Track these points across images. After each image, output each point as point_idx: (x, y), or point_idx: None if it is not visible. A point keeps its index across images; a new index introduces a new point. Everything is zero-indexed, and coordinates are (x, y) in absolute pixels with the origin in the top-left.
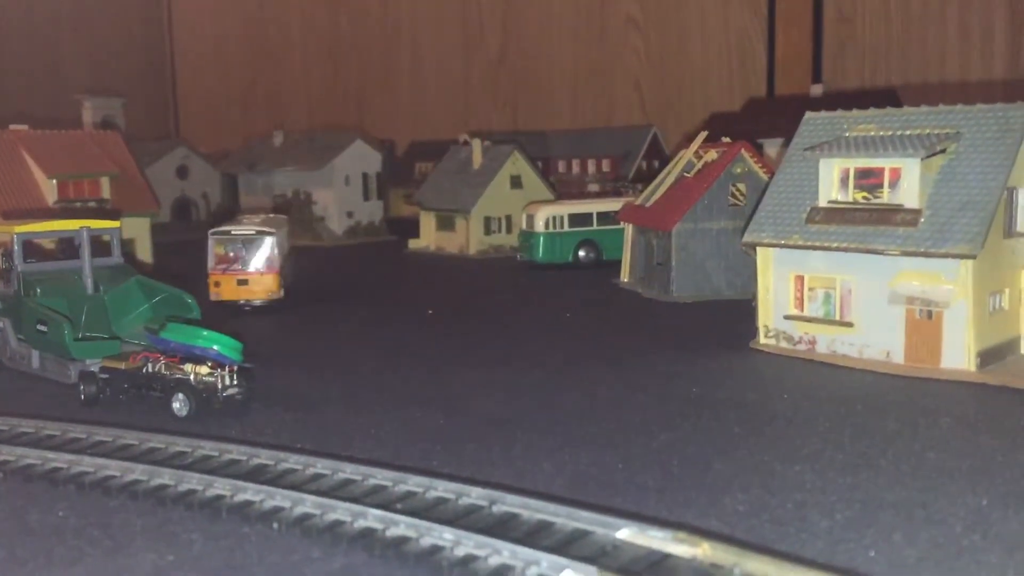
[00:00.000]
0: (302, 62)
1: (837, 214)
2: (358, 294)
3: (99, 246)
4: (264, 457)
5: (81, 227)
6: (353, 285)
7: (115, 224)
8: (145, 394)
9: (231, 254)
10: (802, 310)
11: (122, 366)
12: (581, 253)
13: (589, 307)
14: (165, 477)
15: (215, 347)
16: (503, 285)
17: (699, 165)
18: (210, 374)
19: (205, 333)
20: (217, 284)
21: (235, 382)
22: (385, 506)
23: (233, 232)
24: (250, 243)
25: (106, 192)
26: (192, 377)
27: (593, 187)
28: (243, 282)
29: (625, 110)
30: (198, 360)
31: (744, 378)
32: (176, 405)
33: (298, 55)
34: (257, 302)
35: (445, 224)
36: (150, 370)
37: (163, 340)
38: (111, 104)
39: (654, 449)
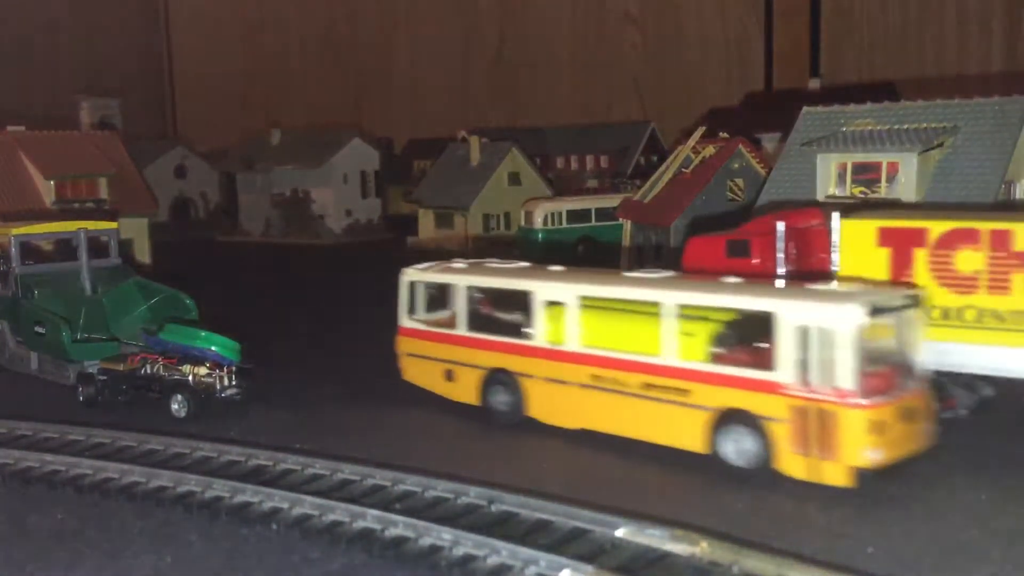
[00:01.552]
0: (300, 60)
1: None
2: (356, 291)
3: (97, 247)
4: (263, 458)
5: (79, 228)
6: (351, 283)
7: (113, 225)
8: (144, 395)
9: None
10: None
11: (120, 367)
12: (580, 249)
13: None
14: (164, 479)
15: (213, 348)
16: None
17: (697, 160)
18: (209, 375)
19: (203, 334)
20: (879, 428)
21: (234, 383)
22: (384, 506)
23: (879, 304)
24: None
25: (104, 192)
26: (191, 378)
27: (591, 183)
28: (911, 414)
29: (623, 106)
30: (196, 361)
31: None
32: (175, 406)
33: (296, 53)
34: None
35: (443, 221)
36: (148, 371)
37: (161, 341)
38: (108, 104)
39: (652, 446)
